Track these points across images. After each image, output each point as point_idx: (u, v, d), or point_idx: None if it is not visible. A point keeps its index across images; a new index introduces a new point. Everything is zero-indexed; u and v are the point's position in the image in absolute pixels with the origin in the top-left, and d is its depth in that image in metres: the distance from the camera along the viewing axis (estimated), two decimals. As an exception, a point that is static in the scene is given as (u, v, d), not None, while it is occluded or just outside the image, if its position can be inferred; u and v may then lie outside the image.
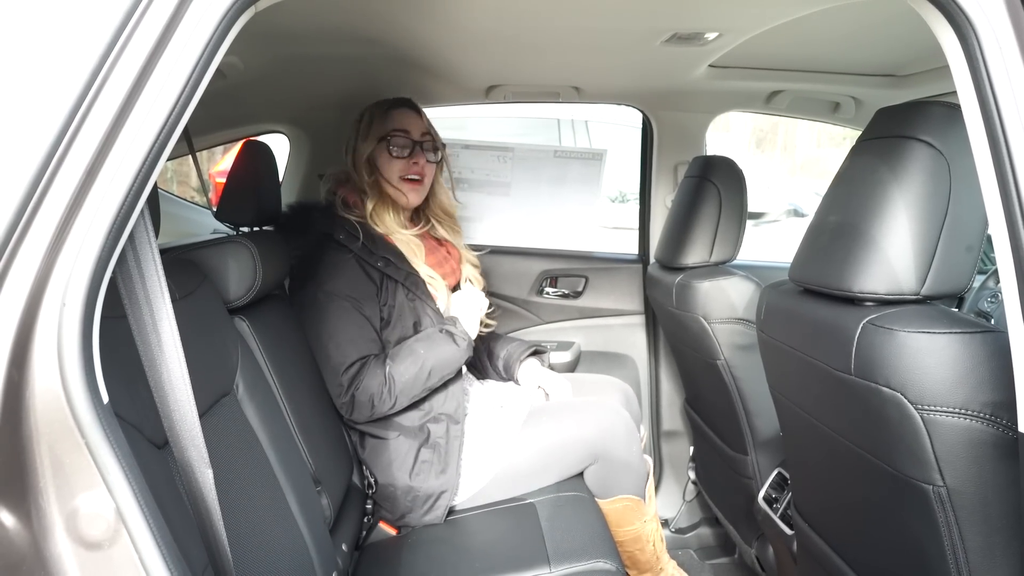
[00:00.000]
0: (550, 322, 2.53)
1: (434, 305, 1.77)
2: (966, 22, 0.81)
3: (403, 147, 1.79)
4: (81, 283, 0.71)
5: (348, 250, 1.70)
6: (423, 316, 1.74)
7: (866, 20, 1.48)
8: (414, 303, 1.74)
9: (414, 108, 1.84)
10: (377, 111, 1.82)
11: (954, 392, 0.91)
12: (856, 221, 1.08)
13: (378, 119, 1.81)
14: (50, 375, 0.71)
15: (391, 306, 1.72)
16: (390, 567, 1.55)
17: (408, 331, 1.73)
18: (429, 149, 1.83)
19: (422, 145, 1.81)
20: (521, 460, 1.75)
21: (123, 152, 0.73)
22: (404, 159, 1.79)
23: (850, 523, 1.27)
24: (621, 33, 1.59)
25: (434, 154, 1.84)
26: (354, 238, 1.70)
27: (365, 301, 1.69)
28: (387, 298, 1.72)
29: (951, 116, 1.02)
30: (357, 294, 1.68)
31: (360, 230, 1.71)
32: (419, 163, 1.80)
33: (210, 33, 0.75)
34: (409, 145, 1.79)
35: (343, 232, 1.71)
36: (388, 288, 1.72)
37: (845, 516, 1.29)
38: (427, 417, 1.71)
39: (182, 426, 0.82)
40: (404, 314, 1.73)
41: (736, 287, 1.75)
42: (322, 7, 1.39)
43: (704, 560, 2.39)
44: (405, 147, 1.79)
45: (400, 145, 1.78)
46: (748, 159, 11.12)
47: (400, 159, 1.79)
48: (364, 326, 1.67)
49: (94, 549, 0.72)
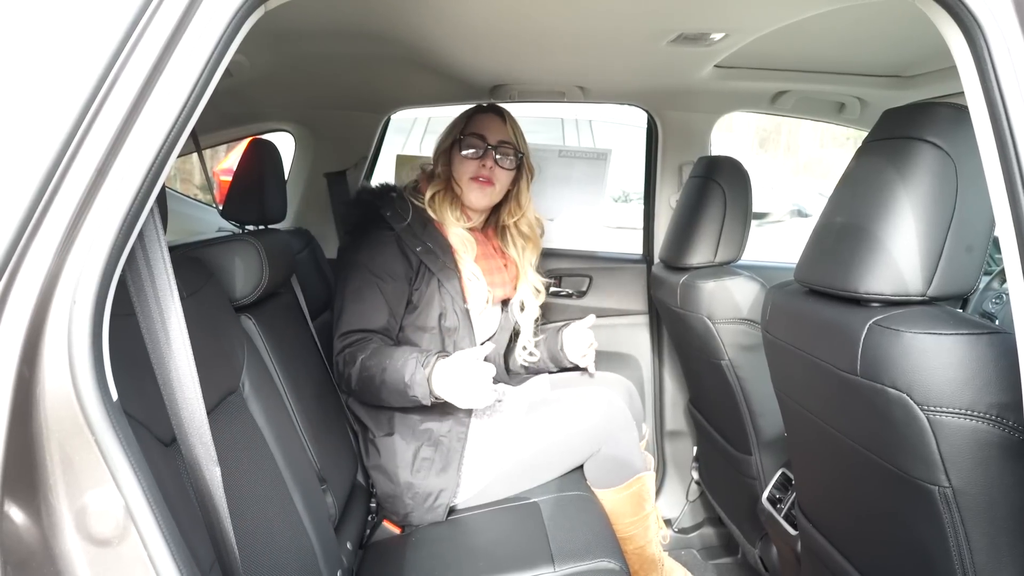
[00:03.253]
0: (554, 322, 2.52)
1: (463, 305, 1.77)
2: (974, 22, 0.81)
3: (474, 148, 1.83)
4: (91, 281, 0.72)
5: (391, 228, 1.74)
6: (448, 312, 1.75)
7: (872, 21, 1.48)
8: (443, 296, 1.75)
9: (498, 113, 1.90)
10: (467, 113, 1.90)
11: (960, 393, 0.91)
12: (862, 222, 1.08)
13: (462, 120, 1.89)
14: (60, 373, 0.71)
15: (421, 292, 1.74)
16: (394, 566, 1.55)
17: (431, 321, 1.74)
18: (505, 155, 1.85)
19: (496, 150, 1.84)
20: (523, 457, 1.75)
21: (134, 151, 0.73)
22: (474, 160, 1.83)
23: (854, 524, 1.27)
24: (627, 33, 1.59)
25: (509, 160, 1.87)
26: (400, 218, 1.75)
27: (392, 281, 1.71)
28: (420, 284, 1.75)
29: (958, 117, 1.01)
30: (385, 273, 1.71)
31: (412, 212, 1.76)
32: (487, 165, 1.83)
33: (220, 33, 0.76)
34: (481, 148, 1.83)
35: (391, 210, 1.76)
36: (423, 275, 1.75)
37: (849, 517, 1.29)
38: (432, 416, 1.70)
39: (190, 424, 0.82)
40: (432, 304, 1.74)
41: (741, 287, 1.75)
42: (330, 6, 1.40)
43: (707, 560, 2.39)
44: (476, 149, 1.83)
45: (471, 146, 1.83)
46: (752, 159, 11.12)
47: (470, 160, 1.83)
48: (379, 305, 1.69)
49: (103, 546, 0.73)
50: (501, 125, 1.87)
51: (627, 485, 1.78)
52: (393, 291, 1.71)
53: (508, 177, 1.89)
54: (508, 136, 1.87)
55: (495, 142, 1.85)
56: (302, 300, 1.88)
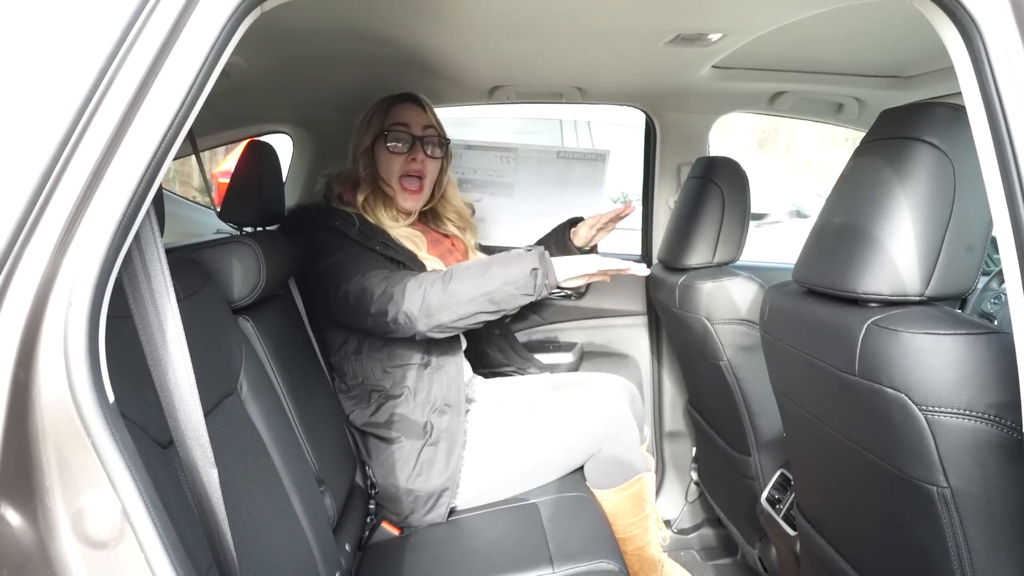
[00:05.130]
0: (553, 323, 2.53)
1: None
2: (971, 22, 0.81)
3: (402, 141, 1.75)
4: (87, 283, 0.72)
5: (345, 235, 1.67)
6: None
7: (870, 21, 1.48)
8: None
9: (417, 102, 1.81)
10: (380, 106, 1.80)
11: (958, 393, 0.91)
12: (860, 222, 1.08)
13: (379, 113, 1.78)
14: (56, 375, 0.71)
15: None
16: (393, 567, 1.55)
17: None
18: (432, 144, 1.79)
19: (423, 140, 1.77)
20: (524, 458, 1.75)
21: (129, 153, 0.73)
22: (403, 155, 1.75)
23: (853, 524, 1.27)
24: (625, 34, 1.59)
25: (437, 149, 1.80)
26: (350, 224, 1.68)
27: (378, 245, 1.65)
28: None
29: (955, 117, 1.01)
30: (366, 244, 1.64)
31: (356, 219, 1.70)
32: (418, 159, 1.76)
33: (216, 33, 0.76)
34: (408, 140, 1.76)
35: (338, 219, 1.69)
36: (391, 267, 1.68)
37: (848, 517, 1.29)
38: (431, 409, 1.70)
39: (187, 426, 0.82)
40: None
41: (739, 288, 1.75)
42: (327, 7, 1.40)
43: (707, 561, 2.39)
44: (404, 141, 1.75)
45: (398, 139, 1.75)
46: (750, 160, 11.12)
47: (398, 155, 1.75)
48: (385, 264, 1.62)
49: (100, 548, 0.73)
50: (422, 112, 1.79)
51: (627, 486, 1.78)
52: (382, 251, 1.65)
53: (436, 167, 1.83)
54: (432, 122, 1.80)
55: (421, 131, 1.77)
56: (300, 302, 1.87)
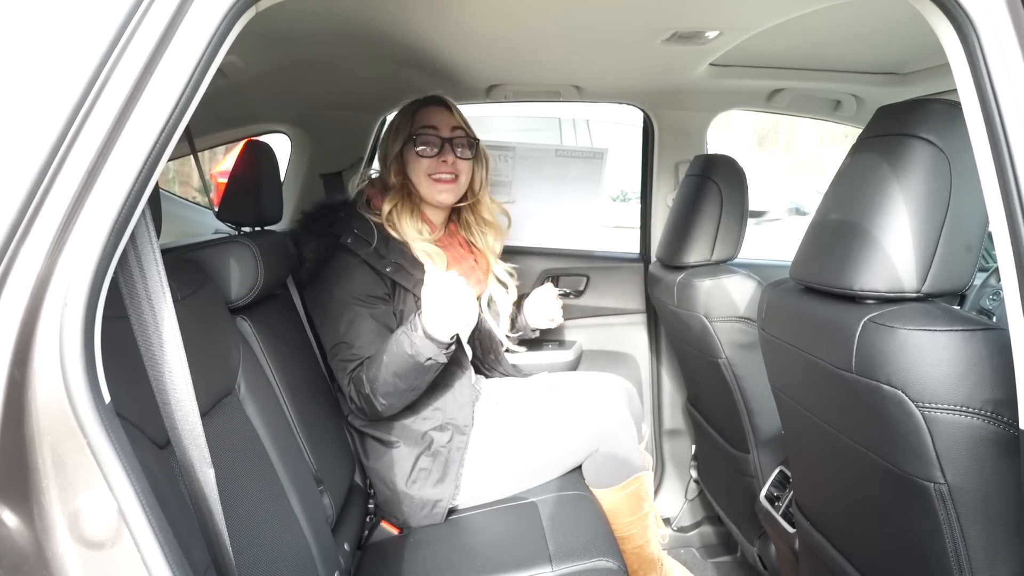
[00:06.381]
0: (552, 321, 2.53)
1: None
2: (966, 20, 0.81)
3: (430, 144, 1.75)
4: (83, 283, 0.72)
5: (356, 254, 1.67)
6: None
7: (867, 18, 1.48)
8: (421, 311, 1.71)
9: (443, 104, 1.81)
10: (407, 110, 1.80)
11: (955, 389, 0.91)
12: (857, 219, 1.08)
13: (406, 118, 1.79)
14: (52, 375, 0.71)
15: (402, 311, 1.69)
16: (392, 567, 1.55)
17: None
18: (461, 145, 1.78)
19: (452, 141, 1.76)
20: (523, 457, 1.75)
21: (124, 152, 0.73)
22: (432, 158, 1.75)
23: (852, 521, 1.27)
24: (622, 32, 1.59)
25: (468, 150, 1.80)
26: (365, 243, 1.67)
27: (380, 303, 1.66)
28: (399, 303, 1.70)
29: (952, 114, 1.01)
30: (369, 297, 1.65)
31: (375, 233, 1.69)
32: (448, 160, 1.76)
33: (211, 33, 0.76)
34: (437, 142, 1.75)
35: (351, 236, 1.68)
36: (399, 294, 1.69)
37: (847, 514, 1.29)
38: (434, 425, 1.70)
39: (184, 426, 0.82)
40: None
41: (737, 285, 1.75)
42: (323, 7, 1.40)
43: (706, 559, 2.39)
44: (432, 144, 1.75)
45: (427, 143, 1.75)
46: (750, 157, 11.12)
47: (427, 158, 1.75)
48: (376, 329, 1.64)
49: (96, 549, 0.73)
50: (449, 115, 1.79)
51: (625, 484, 1.78)
52: (383, 312, 1.67)
53: (469, 168, 1.82)
54: (459, 123, 1.80)
55: (449, 133, 1.77)
56: (298, 302, 1.87)
